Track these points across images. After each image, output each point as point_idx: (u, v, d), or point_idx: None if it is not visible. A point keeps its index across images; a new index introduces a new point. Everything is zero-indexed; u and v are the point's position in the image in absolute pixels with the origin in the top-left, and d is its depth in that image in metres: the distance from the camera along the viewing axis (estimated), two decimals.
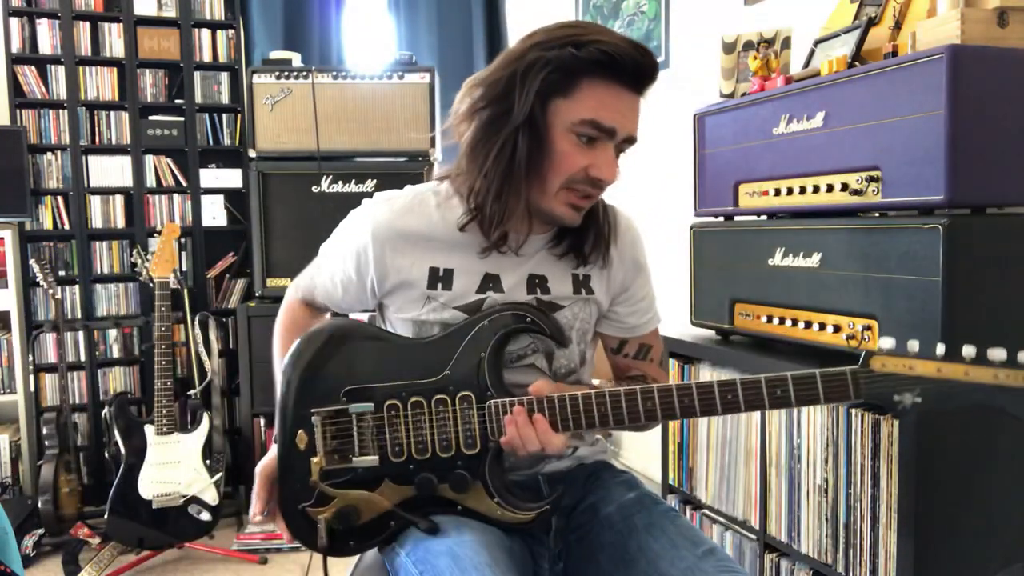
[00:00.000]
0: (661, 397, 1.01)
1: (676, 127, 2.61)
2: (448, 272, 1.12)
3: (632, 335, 1.25)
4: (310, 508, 1.11)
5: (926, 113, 1.22)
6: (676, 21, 2.69)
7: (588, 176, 1.03)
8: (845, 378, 0.96)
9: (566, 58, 0.99)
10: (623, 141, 1.05)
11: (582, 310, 1.17)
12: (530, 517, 1.05)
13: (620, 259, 1.20)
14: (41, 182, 3.01)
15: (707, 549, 1.02)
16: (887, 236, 1.30)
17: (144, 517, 2.44)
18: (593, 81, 1.00)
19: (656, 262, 1.29)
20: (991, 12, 1.28)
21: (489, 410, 1.05)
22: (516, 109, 1.01)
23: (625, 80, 1.01)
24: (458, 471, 1.05)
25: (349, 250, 1.15)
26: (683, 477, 1.84)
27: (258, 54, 3.22)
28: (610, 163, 1.03)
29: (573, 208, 1.07)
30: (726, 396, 0.99)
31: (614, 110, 1.01)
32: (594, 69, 0.99)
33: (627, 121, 1.03)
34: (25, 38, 2.97)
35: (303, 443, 1.14)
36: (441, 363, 1.08)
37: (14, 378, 2.89)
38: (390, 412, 1.10)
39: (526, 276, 1.14)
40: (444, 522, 1.04)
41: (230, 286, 3.25)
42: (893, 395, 0.95)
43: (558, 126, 1.02)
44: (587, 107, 1.00)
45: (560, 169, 1.03)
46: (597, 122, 1.00)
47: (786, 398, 0.98)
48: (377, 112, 2.88)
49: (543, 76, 0.99)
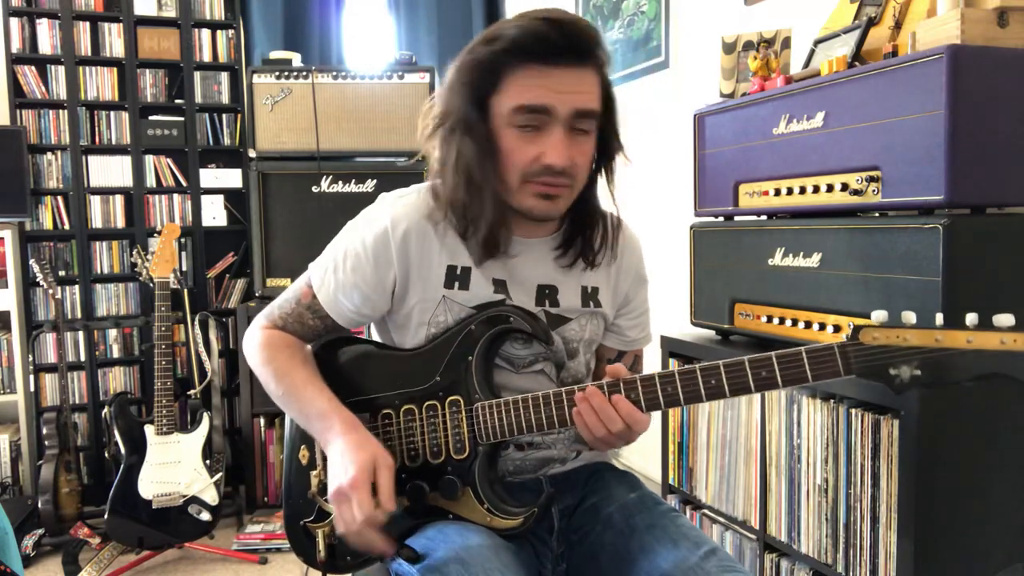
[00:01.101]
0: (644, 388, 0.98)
1: (676, 127, 2.62)
2: (466, 271, 1.11)
3: (630, 348, 1.26)
4: (311, 524, 1.11)
5: (926, 113, 1.22)
6: (676, 21, 2.69)
7: (542, 165, 1.01)
8: (833, 353, 0.92)
9: (482, 55, 1.00)
10: (574, 117, 1.01)
11: (590, 322, 1.18)
12: (518, 522, 1.03)
13: (627, 271, 1.21)
14: (41, 182, 3.01)
15: (709, 549, 1.02)
16: (887, 236, 1.30)
17: (144, 517, 2.44)
18: (514, 69, 0.99)
19: (656, 262, 1.29)
20: (991, 12, 1.28)
21: (476, 413, 1.05)
22: (456, 119, 1.04)
23: (546, 58, 0.98)
24: (447, 477, 1.05)
25: (366, 249, 1.11)
26: (683, 477, 1.84)
27: (258, 54, 3.22)
28: (557, 146, 1.00)
29: (542, 198, 1.04)
30: (709, 381, 0.96)
31: (542, 88, 0.99)
32: (509, 58, 0.99)
33: (563, 96, 0.99)
34: (25, 38, 2.97)
35: (305, 458, 1.15)
36: (432, 369, 1.08)
37: (14, 378, 2.89)
38: (384, 421, 1.10)
39: (535, 287, 1.13)
40: (449, 530, 1.03)
41: (230, 286, 3.25)
42: (889, 368, 0.90)
43: (499, 123, 1.02)
44: (513, 94, 1.00)
45: (511, 164, 1.03)
46: (526, 105, 0.99)
47: (772, 379, 0.94)
48: (377, 112, 2.88)
49: (470, 80, 1.01)
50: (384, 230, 1.10)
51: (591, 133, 1.05)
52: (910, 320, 0.90)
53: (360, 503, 0.96)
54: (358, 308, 1.14)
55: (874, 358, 0.91)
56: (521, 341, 1.13)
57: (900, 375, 0.90)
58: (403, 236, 1.09)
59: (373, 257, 1.10)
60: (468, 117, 1.03)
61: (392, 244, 1.09)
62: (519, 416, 1.03)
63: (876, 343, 0.90)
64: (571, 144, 1.02)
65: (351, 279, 1.12)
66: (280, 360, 1.14)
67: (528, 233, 1.13)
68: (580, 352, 1.17)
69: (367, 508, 0.96)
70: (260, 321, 1.21)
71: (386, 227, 1.10)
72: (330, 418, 1.05)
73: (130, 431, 2.50)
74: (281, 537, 2.63)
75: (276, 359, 1.14)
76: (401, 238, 1.09)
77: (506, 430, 1.04)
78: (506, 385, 1.12)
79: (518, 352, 1.12)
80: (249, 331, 1.20)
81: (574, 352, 1.17)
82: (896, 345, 0.90)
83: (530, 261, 1.13)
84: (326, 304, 1.14)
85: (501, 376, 1.12)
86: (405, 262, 1.10)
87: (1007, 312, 0.87)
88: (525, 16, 1.00)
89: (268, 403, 3.21)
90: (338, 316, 1.15)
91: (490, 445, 1.06)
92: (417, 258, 1.10)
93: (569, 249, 1.14)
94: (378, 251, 1.10)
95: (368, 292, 1.12)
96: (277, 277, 2.85)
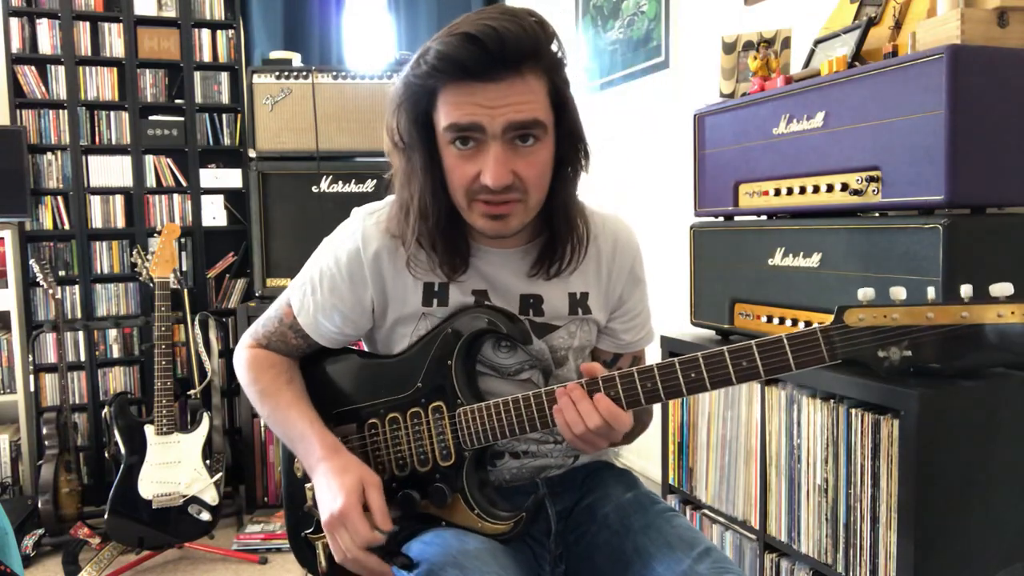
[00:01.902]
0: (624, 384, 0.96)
1: (676, 127, 2.62)
2: (443, 286, 1.09)
3: (626, 351, 1.23)
4: (311, 535, 1.12)
5: (926, 113, 1.22)
6: (676, 21, 2.69)
7: (481, 185, 0.97)
8: (816, 338, 0.86)
9: (413, 76, 0.97)
10: (512, 130, 0.95)
11: (579, 329, 1.15)
12: (508, 527, 1.02)
13: (620, 272, 1.16)
14: (41, 182, 3.01)
15: (702, 550, 1.01)
16: (887, 236, 1.30)
17: (144, 517, 2.44)
18: (444, 88, 0.95)
19: (656, 262, 1.29)
20: (991, 12, 1.28)
21: (459, 418, 1.04)
22: (400, 136, 1.02)
23: (471, 75, 0.92)
24: (436, 485, 1.04)
25: (340, 269, 1.10)
26: (683, 477, 1.84)
27: (258, 54, 3.22)
28: (492, 165, 0.94)
29: (488, 217, 0.99)
30: (689, 375, 0.92)
31: (469, 106, 0.94)
32: (437, 79, 0.95)
33: (494, 112, 0.93)
34: (25, 38, 2.97)
35: (299, 471, 1.15)
36: (413, 376, 1.07)
37: (14, 378, 2.89)
38: (371, 432, 1.10)
39: (518, 297, 1.11)
40: (446, 535, 1.02)
41: (230, 286, 3.25)
42: (877, 351, 0.83)
43: (441, 141, 0.99)
44: (444, 114, 0.96)
45: (454, 183, 1.00)
46: (456, 124, 0.95)
47: (753, 369, 0.89)
48: (377, 112, 2.88)
49: (408, 99, 0.99)
50: (356, 249, 1.09)
51: (542, 140, 0.98)
52: (899, 296, 0.84)
53: (354, 530, 0.95)
54: (340, 328, 1.12)
55: (860, 341, 0.85)
56: (506, 348, 1.11)
57: (889, 357, 0.83)
58: (375, 256, 1.08)
59: (348, 277, 1.09)
60: (410, 136, 1.01)
61: (365, 264, 1.08)
62: (500, 419, 1.01)
63: (862, 324, 0.84)
64: (514, 158, 0.96)
65: (329, 300, 1.11)
66: (264, 381, 1.13)
67: (500, 244, 1.10)
68: (570, 359, 1.15)
69: (363, 533, 0.95)
70: (246, 340, 1.20)
71: (358, 247, 1.08)
72: (312, 441, 1.05)
73: (130, 431, 2.50)
74: (281, 537, 2.63)
75: (260, 380, 1.13)
76: (372, 258, 1.08)
77: (489, 434, 1.02)
78: (493, 392, 1.09)
79: (504, 360, 1.11)
80: (236, 350, 1.20)
81: (562, 360, 1.14)
82: (884, 326, 0.83)
83: (507, 272, 1.10)
84: (307, 327, 1.13)
85: (488, 383, 1.11)
86: (380, 281, 1.09)
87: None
88: (451, 29, 0.94)
89: None
90: (320, 338, 1.14)
91: (476, 450, 1.04)
92: (391, 277, 1.09)
93: (543, 262, 1.09)
94: (352, 271, 1.09)
95: (347, 312, 1.11)
96: (277, 277, 2.85)
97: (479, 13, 0.94)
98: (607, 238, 1.15)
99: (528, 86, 0.94)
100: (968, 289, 0.82)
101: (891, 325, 0.83)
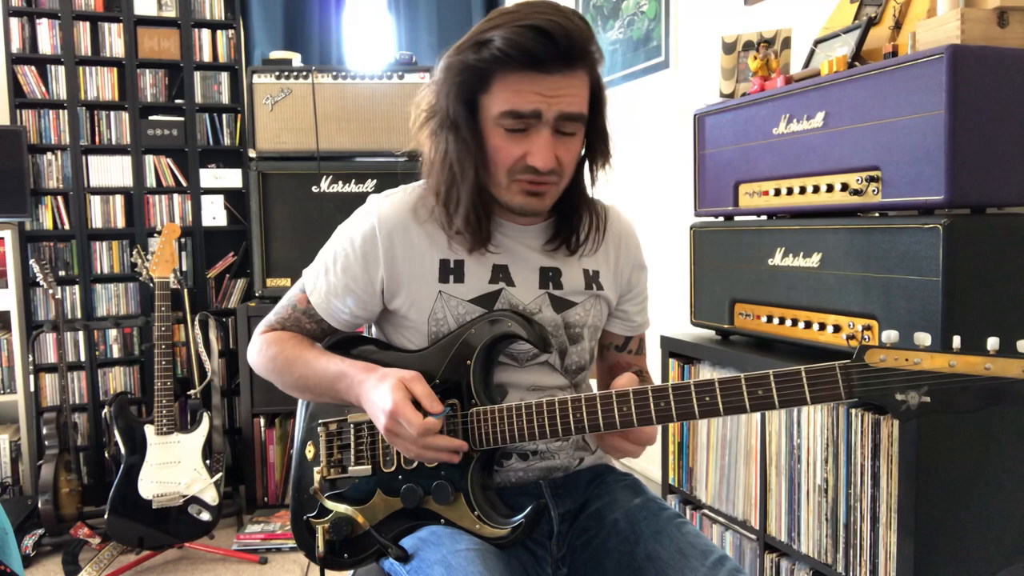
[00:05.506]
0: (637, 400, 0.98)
1: (676, 127, 2.62)
2: (459, 263, 1.12)
3: (636, 332, 1.28)
4: (313, 519, 1.12)
5: (926, 113, 1.22)
6: (676, 21, 2.69)
7: (527, 165, 1.03)
8: (834, 374, 0.87)
9: (472, 60, 1.01)
10: (561, 120, 1.02)
11: (594, 307, 1.18)
12: (505, 532, 1.03)
13: (627, 259, 1.23)
14: (41, 182, 3.01)
15: (717, 559, 1.01)
16: (887, 236, 1.30)
17: (144, 517, 2.44)
18: (504, 73, 1.00)
19: (656, 262, 1.30)
20: (991, 12, 1.28)
21: (471, 418, 1.05)
22: (444, 116, 1.06)
23: (536, 65, 0.98)
24: (440, 481, 1.05)
25: (354, 249, 1.12)
26: (683, 477, 1.84)
27: (258, 54, 3.22)
28: (543, 149, 1.01)
29: (529, 195, 1.07)
30: (703, 398, 0.93)
31: (531, 94, 0.99)
32: (498, 64, 0.99)
33: (552, 101, 1.00)
34: (25, 38, 2.97)
35: (311, 454, 1.17)
36: (432, 372, 1.08)
37: (14, 378, 2.89)
38: None
39: (538, 268, 1.14)
40: (441, 532, 1.03)
41: (230, 286, 3.25)
42: (895, 394, 0.84)
43: (487, 122, 1.04)
44: (502, 99, 1.01)
45: (498, 162, 1.05)
46: (515, 111, 1.00)
47: (768, 399, 0.90)
48: (377, 112, 2.88)
49: (459, 81, 1.03)
50: (371, 228, 1.11)
51: (579, 131, 1.06)
52: (923, 342, 0.84)
53: (408, 422, 0.97)
54: (351, 310, 1.14)
55: (879, 381, 0.85)
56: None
57: (908, 401, 0.84)
58: (389, 233, 1.11)
59: (362, 256, 1.12)
60: (456, 116, 1.04)
61: (379, 242, 1.10)
62: (512, 425, 1.02)
63: (882, 365, 0.85)
64: (557, 144, 1.03)
65: (342, 280, 1.13)
66: (287, 351, 1.15)
67: (517, 222, 1.15)
68: (584, 338, 1.17)
69: (416, 422, 0.96)
70: (260, 329, 1.22)
71: (373, 225, 1.11)
72: (346, 373, 1.07)
73: (130, 431, 2.50)
74: (281, 537, 2.64)
75: (283, 352, 1.15)
76: (388, 235, 1.11)
77: (499, 437, 1.03)
78: (510, 381, 1.12)
79: (519, 347, 1.13)
80: (251, 343, 1.22)
81: (577, 337, 1.16)
82: (904, 369, 0.83)
83: (526, 246, 1.15)
84: (319, 307, 1.15)
85: (505, 373, 1.12)
86: (393, 259, 1.11)
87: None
88: (516, 18, 0.98)
89: (268, 403, 3.21)
90: (332, 319, 1.16)
91: (485, 451, 1.05)
92: (405, 255, 1.11)
93: (558, 238, 1.15)
94: (366, 250, 1.11)
95: (359, 292, 1.13)
96: (277, 277, 2.85)
97: (535, 7, 1.00)
98: (612, 224, 1.22)
99: (580, 80, 1.02)
100: (995, 342, 0.81)
101: (912, 369, 0.84)
